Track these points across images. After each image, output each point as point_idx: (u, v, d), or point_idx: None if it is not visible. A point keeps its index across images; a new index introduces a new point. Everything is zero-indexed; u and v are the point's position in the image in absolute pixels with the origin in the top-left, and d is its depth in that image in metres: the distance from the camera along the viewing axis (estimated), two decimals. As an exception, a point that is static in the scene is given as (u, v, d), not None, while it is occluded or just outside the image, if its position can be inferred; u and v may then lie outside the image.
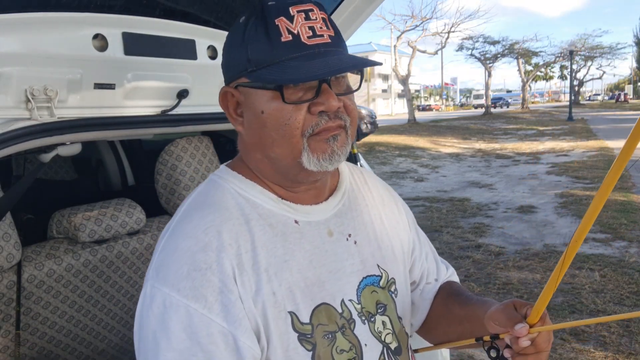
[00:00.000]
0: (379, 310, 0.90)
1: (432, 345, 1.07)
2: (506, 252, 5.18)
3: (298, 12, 0.77)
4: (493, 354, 0.86)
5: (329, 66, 0.74)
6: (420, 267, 1.04)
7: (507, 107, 56.89)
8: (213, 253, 0.76)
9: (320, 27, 0.77)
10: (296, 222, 0.85)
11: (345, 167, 1.00)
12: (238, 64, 0.80)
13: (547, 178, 9.66)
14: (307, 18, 0.77)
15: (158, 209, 1.90)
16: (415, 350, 1.04)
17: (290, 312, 0.79)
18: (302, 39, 0.76)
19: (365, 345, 0.85)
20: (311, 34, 0.76)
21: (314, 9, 0.78)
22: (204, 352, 0.72)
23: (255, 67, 0.77)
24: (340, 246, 0.88)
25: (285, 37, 0.75)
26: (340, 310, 0.84)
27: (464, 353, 3.23)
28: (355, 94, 0.85)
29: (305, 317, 0.80)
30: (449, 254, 5.18)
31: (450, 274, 1.10)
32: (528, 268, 4.66)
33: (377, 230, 0.96)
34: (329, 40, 0.78)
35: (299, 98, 0.78)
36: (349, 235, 0.90)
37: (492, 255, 5.10)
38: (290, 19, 0.76)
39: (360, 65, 0.76)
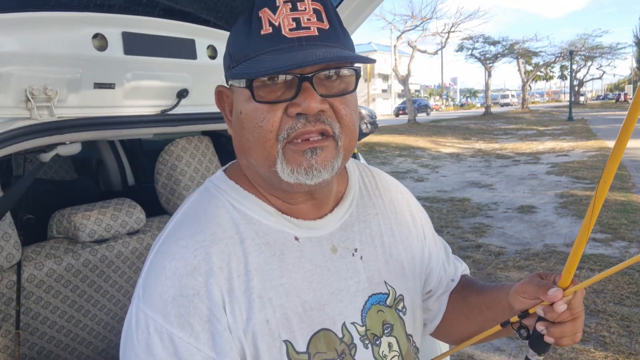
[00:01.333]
0: (385, 332, 0.83)
1: (449, 346, 1.03)
2: (506, 252, 5.18)
3: (285, 2, 0.70)
4: (524, 333, 0.81)
5: (303, 57, 0.66)
6: (437, 275, 0.98)
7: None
8: (201, 278, 0.71)
9: (308, 19, 0.69)
10: (296, 238, 0.78)
11: (355, 168, 0.93)
12: (225, 61, 0.77)
13: (547, 178, 9.66)
14: (294, 9, 0.69)
15: (158, 208, 1.90)
16: None
17: (285, 341, 0.74)
18: (283, 32, 0.69)
19: None
20: (294, 25, 0.69)
21: (304, 0, 0.70)
22: None
23: (235, 62, 0.72)
24: (345, 263, 0.81)
25: (265, 30, 0.69)
26: (340, 335, 0.78)
27: (464, 353, 3.23)
28: (355, 94, 0.77)
29: (301, 346, 0.75)
30: (449, 254, 5.18)
31: (463, 270, 1.04)
32: (528, 268, 4.65)
33: (386, 244, 0.88)
34: (316, 33, 0.69)
35: (276, 97, 0.70)
36: (355, 251, 0.83)
37: (492, 255, 5.10)
38: (274, 9, 0.69)
39: (341, 58, 0.67)
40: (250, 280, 0.73)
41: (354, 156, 2.05)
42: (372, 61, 0.72)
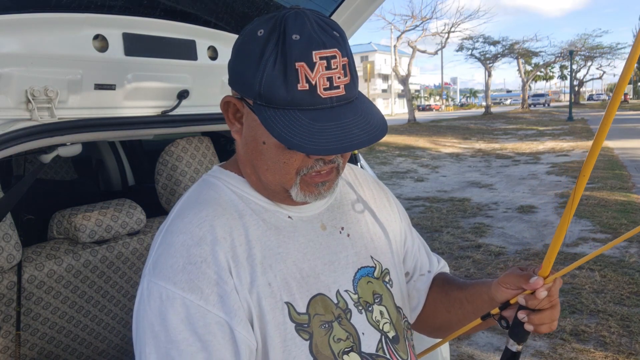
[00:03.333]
0: (376, 300, 0.91)
1: (432, 340, 1.10)
2: (506, 252, 5.18)
3: (320, 59, 0.72)
4: (504, 323, 0.88)
5: (346, 139, 0.72)
6: (413, 257, 1.06)
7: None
8: (207, 246, 0.78)
9: (339, 77, 0.74)
10: (289, 217, 0.87)
11: None
12: (249, 86, 0.76)
13: (547, 178, 9.66)
14: (328, 67, 0.73)
15: (158, 209, 1.90)
16: (419, 355, 1.05)
17: (286, 303, 0.81)
18: (319, 91, 0.73)
19: (363, 333, 0.86)
20: (328, 85, 0.73)
21: (337, 56, 0.74)
22: (202, 342, 0.73)
23: (264, 102, 0.75)
24: (334, 239, 0.90)
25: (302, 86, 0.72)
26: (335, 301, 0.86)
27: (464, 353, 3.23)
28: None
29: (301, 308, 0.82)
30: (449, 254, 5.18)
31: (442, 266, 1.12)
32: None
33: (369, 223, 0.98)
34: (344, 92, 0.75)
35: None
36: (342, 229, 0.92)
37: (492, 255, 5.10)
38: (312, 65, 0.72)
39: (372, 140, 0.75)
40: (251, 249, 0.81)
41: (354, 156, 2.05)
42: (386, 130, 0.78)
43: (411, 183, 9.86)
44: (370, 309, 0.89)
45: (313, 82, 0.72)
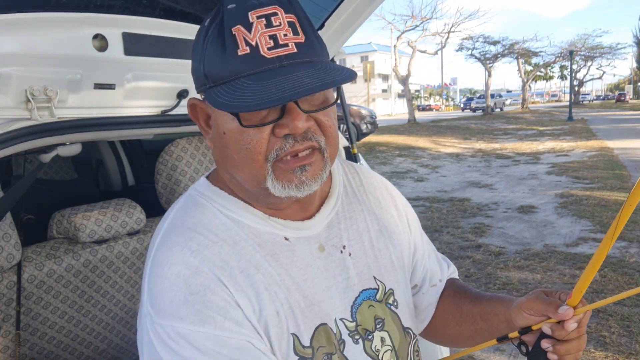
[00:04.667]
0: (377, 326, 0.84)
1: (449, 350, 1.04)
2: (506, 252, 5.18)
3: (258, 17, 0.67)
4: (524, 349, 0.81)
5: (292, 87, 0.64)
6: (422, 269, 0.99)
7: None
8: (206, 275, 0.70)
9: (285, 35, 0.67)
10: (286, 239, 0.79)
11: (339, 166, 0.94)
12: (198, 76, 0.72)
13: (547, 178, 9.66)
14: (269, 25, 0.67)
15: (158, 209, 1.90)
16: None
17: (292, 334, 0.74)
18: (262, 51, 0.66)
19: None
20: (272, 44, 0.66)
21: (278, 12, 0.68)
22: None
23: (211, 83, 0.69)
24: (333, 261, 0.82)
25: (242, 50, 0.66)
26: (335, 331, 0.79)
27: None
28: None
29: (306, 340, 0.75)
30: (449, 254, 5.17)
31: (451, 272, 1.05)
32: (528, 268, 4.65)
33: (374, 238, 0.89)
34: (295, 50, 0.67)
35: (261, 119, 0.70)
36: (344, 247, 0.84)
37: (492, 255, 5.10)
38: (249, 27, 0.66)
39: (330, 84, 0.65)
40: (254, 275, 0.73)
41: (354, 156, 2.05)
42: (355, 76, 0.71)
43: (411, 183, 9.85)
44: (369, 337, 0.82)
45: (253, 43, 0.66)
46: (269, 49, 0.66)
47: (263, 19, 0.67)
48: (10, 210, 1.47)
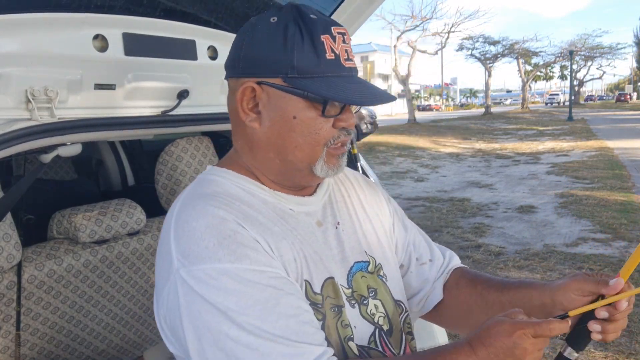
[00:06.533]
0: (371, 294, 0.92)
1: (433, 332, 1.08)
2: (506, 252, 5.18)
3: (338, 34, 0.82)
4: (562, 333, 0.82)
5: (369, 95, 0.82)
6: (405, 249, 1.06)
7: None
8: (232, 223, 0.78)
9: (350, 53, 0.84)
10: (291, 209, 0.89)
11: None
12: (276, 65, 0.81)
13: (547, 178, 9.66)
14: (344, 42, 0.82)
15: (158, 209, 1.90)
16: None
17: (305, 280, 0.82)
18: (342, 61, 0.82)
19: (355, 327, 0.87)
20: (346, 57, 0.83)
21: (346, 34, 0.84)
22: (277, 290, 0.74)
23: (298, 74, 0.80)
24: (330, 235, 0.92)
25: (329, 55, 0.80)
26: (340, 291, 0.88)
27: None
28: None
29: (317, 287, 0.83)
30: (449, 254, 5.18)
31: (449, 257, 1.09)
32: (528, 268, 4.66)
33: (361, 219, 1.00)
34: (355, 66, 0.85)
35: (328, 112, 0.83)
36: (338, 224, 0.94)
37: (492, 255, 5.10)
38: (333, 38, 0.81)
39: (388, 99, 0.84)
40: (272, 227, 0.83)
41: (355, 156, 2.05)
42: (394, 99, 0.88)
43: (411, 183, 9.86)
44: (365, 302, 0.91)
45: (337, 52, 0.81)
46: (345, 60, 0.83)
47: (341, 36, 0.82)
48: (10, 210, 1.47)
